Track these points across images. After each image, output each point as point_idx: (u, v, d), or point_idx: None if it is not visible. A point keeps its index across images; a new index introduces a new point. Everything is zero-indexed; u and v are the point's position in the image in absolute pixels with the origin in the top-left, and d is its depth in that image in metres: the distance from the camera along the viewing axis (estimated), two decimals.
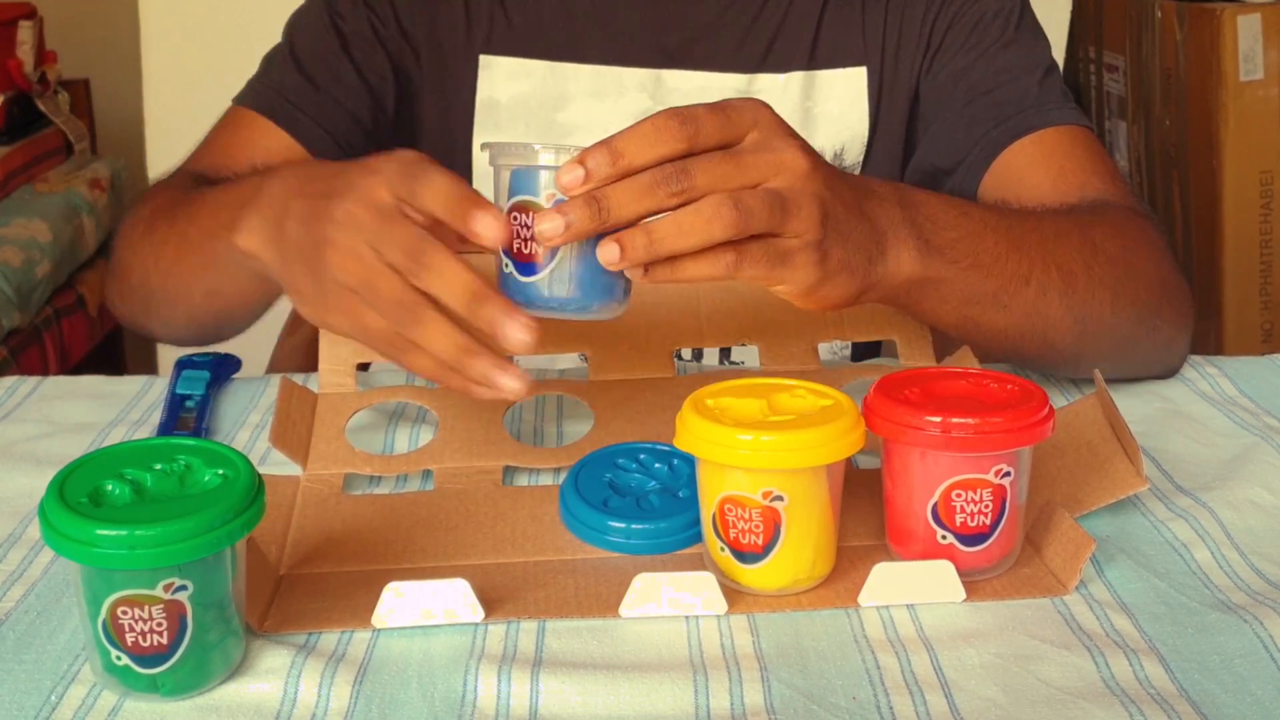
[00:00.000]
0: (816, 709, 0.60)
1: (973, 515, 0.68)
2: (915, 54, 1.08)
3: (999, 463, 0.67)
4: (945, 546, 0.69)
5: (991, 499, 0.68)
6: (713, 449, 0.66)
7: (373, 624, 0.66)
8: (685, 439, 0.68)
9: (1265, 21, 2.17)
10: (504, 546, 0.74)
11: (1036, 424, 0.68)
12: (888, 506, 0.71)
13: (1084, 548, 0.68)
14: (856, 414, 0.68)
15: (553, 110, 1.09)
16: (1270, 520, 0.76)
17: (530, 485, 0.81)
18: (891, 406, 0.68)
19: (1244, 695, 0.61)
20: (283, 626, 0.67)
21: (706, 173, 0.67)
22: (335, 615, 0.67)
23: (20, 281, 2.15)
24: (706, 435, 0.66)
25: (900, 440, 0.68)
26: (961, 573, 0.68)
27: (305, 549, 0.74)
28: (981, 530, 0.68)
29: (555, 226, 0.66)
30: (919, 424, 0.67)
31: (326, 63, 1.05)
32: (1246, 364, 0.99)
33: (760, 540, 0.67)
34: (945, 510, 0.68)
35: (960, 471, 0.67)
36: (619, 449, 0.81)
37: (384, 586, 0.66)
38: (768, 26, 1.08)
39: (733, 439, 0.66)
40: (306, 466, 0.82)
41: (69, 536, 0.58)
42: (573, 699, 0.61)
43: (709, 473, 0.68)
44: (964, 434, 0.66)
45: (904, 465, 0.69)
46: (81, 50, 2.75)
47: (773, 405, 0.69)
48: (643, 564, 0.71)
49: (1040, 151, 1.01)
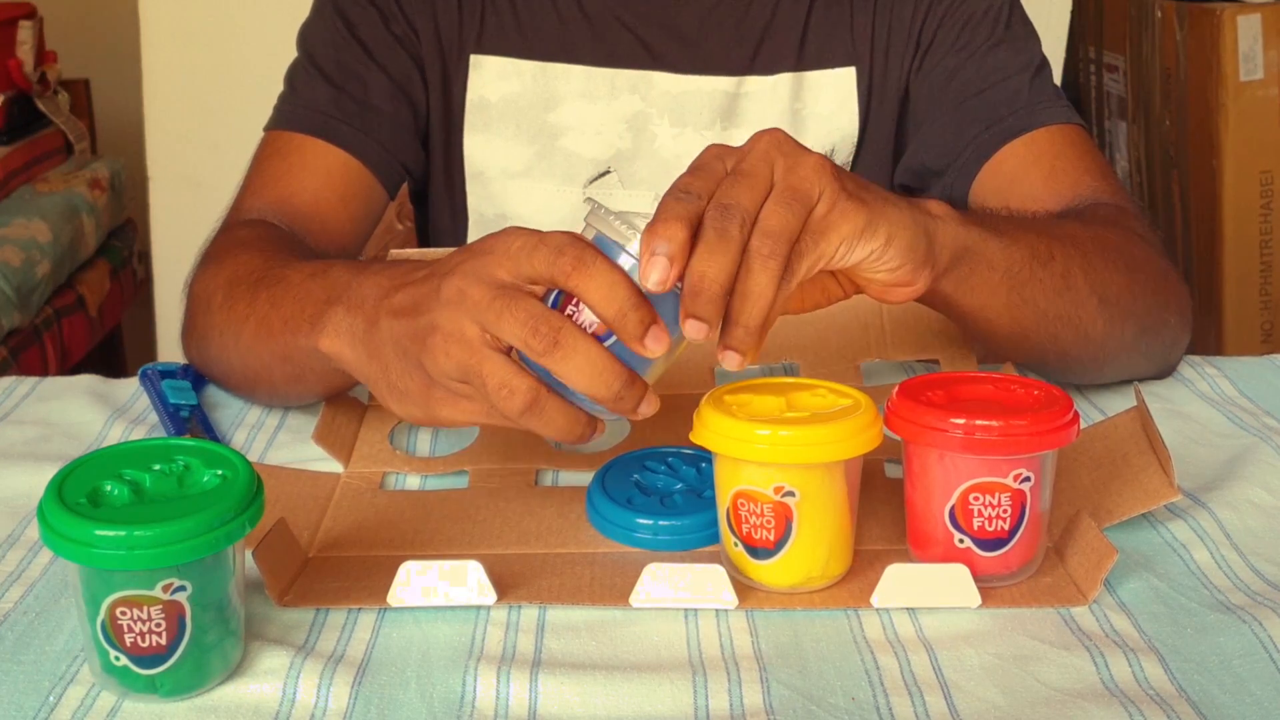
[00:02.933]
0: (815, 709, 0.60)
1: (990, 520, 0.67)
2: (905, 53, 1.08)
3: (1018, 467, 0.67)
4: (963, 551, 0.68)
5: (1010, 504, 0.67)
6: (726, 443, 0.66)
7: (388, 601, 0.67)
8: (701, 433, 0.68)
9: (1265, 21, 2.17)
10: (528, 539, 0.75)
11: (1057, 429, 0.67)
12: (908, 509, 0.71)
13: (1106, 557, 0.67)
14: (874, 413, 0.68)
15: (543, 111, 1.09)
16: (1269, 521, 0.76)
17: (561, 486, 0.82)
18: (911, 407, 0.68)
19: (1243, 695, 0.61)
20: (301, 601, 0.68)
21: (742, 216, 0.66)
22: (354, 593, 0.69)
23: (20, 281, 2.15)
24: (721, 429, 0.67)
25: (919, 441, 0.68)
26: (979, 579, 0.68)
27: (336, 535, 0.76)
28: (999, 535, 0.68)
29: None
30: (937, 425, 0.67)
31: (355, 74, 1.05)
32: (1246, 364, 0.99)
33: (772, 536, 0.67)
34: (963, 513, 0.68)
35: (978, 475, 0.67)
36: (647, 452, 0.81)
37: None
38: (754, 28, 1.08)
39: (746, 433, 0.66)
40: (348, 465, 0.83)
41: (68, 537, 0.58)
42: (571, 699, 0.61)
43: (724, 467, 0.68)
44: (981, 436, 0.66)
45: (923, 467, 0.69)
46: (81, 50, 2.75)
47: (791, 403, 0.69)
48: (663, 559, 0.71)
49: (1031, 153, 1.01)
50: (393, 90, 1.06)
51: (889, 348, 0.94)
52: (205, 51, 2.08)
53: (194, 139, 2.09)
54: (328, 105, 1.03)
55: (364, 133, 1.03)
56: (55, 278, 2.31)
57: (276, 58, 1.10)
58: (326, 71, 1.05)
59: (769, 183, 0.68)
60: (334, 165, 1.02)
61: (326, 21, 1.07)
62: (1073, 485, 0.77)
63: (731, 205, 0.66)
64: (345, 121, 1.03)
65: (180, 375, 0.94)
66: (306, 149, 1.02)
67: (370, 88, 1.05)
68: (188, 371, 0.95)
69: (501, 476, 0.82)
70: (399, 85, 1.06)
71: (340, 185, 1.02)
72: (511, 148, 1.09)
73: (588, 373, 0.64)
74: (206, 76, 2.09)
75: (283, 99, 1.06)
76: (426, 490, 0.82)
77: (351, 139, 1.02)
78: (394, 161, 1.05)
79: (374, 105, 1.04)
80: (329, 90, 1.04)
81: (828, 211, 0.68)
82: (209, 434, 0.88)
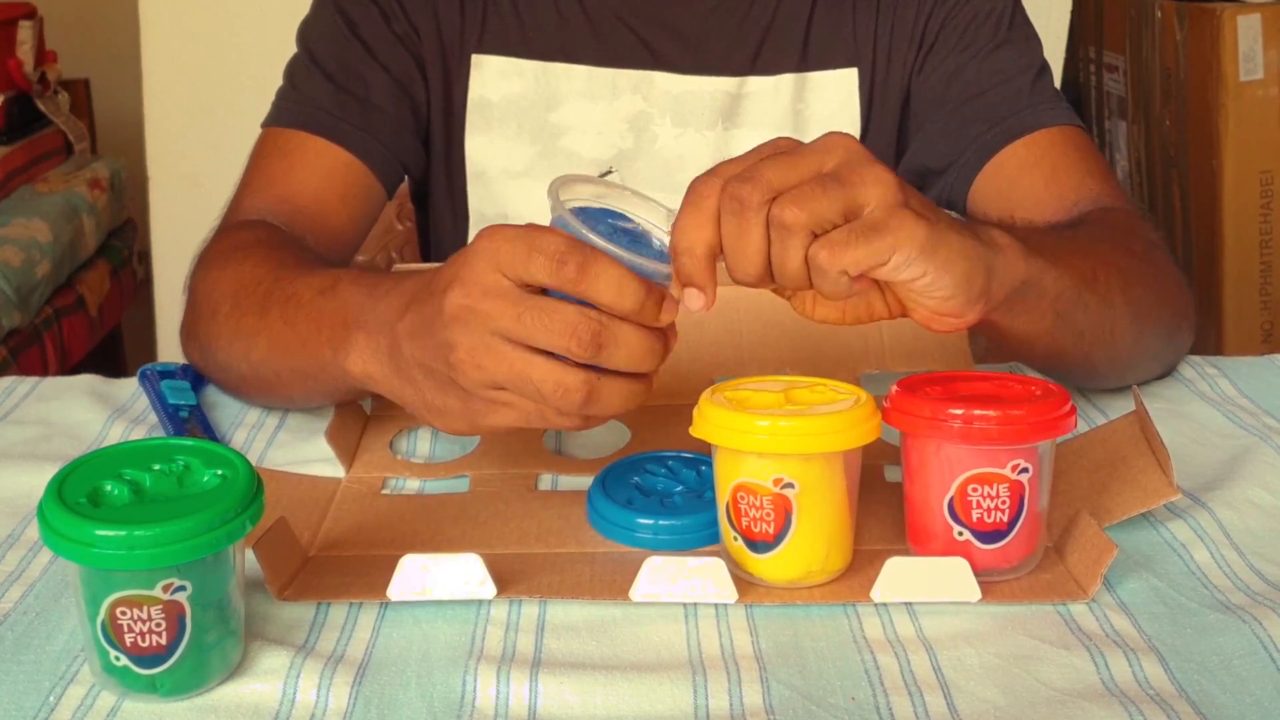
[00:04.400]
0: (815, 709, 0.60)
1: (989, 511, 0.68)
2: (907, 54, 1.08)
3: (1016, 458, 0.67)
4: (962, 543, 0.68)
5: (1009, 495, 0.67)
6: (726, 434, 0.66)
7: (387, 595, 0.68)
8: (701, 426, 0.68)
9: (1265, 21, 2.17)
10: (528, 539, 0.75)
11: (1054, 419, 0.67)
12: (907, 505, 0.71)
13: (1106, 553, 0.68)
14: (873, 406, 0.68)
15: (545, 111, 1.09)
16: (1269, 520, 0.76)
17: (562, 490, 0.82)
18: (910, 400, 0.68)
19: (1243, 695, 0.61)
20: (302, 596, 0.69)
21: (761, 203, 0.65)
22: (354, 588, 0.69)
23: (20, 281, 2.15)
24: (721, 421, 0.67)
25: (916, 433, 0.68)
26: (979, 573, 0.68)
27: (336, 536, 0.76)
28: (999, 527, 0.68)
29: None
30: (935, 417, 0.67)
31: (356, 72, 1.05)
32: (1246, 364, 0.99)
33: (771, 529, 0.67)
34: (961, 505, 0.68)
35: (976, 465, 0.67)
36: (648, 456, 0.81)
37: None
38: (755, 29, 1.08)
39: (746, 424, 0.66)
40: (350, 470, 0.84)
41: (68, 537, 0.58)
42: (571, 699, 0.61)
43: (724, 460, 0.68)
44: (979, 426, 0.66)
45: (921, 460, 0.69)
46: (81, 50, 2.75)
47: (790, 397, 0.70)
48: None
49: (1033, 154, 1.02)
50: (393, 89, 1.05)
51: (888, 359, 0.95)
52: (205, 51, 2.08)
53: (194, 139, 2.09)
54: (329, 103, 1.03)
55: (365, 131, 1.03)
56: (55, 278, 2.31)
57: (277, 57, 1.10)
58: (327, 69, 1.04)
59: (814, 171, 0.65)
60: (335, 164, 1.02)
61: (327, 19, 1.07)
62: (1072, 487, 0.77)
63: (756, 177, 0.64)
64: (347, 120, 1.02)
65: (179, 375, 0.94)
66: (308, 147, 1.02)
67: (371, 86, 1.05)
68: (187, 371, 0.95)
69: (501, 481, 0.82)
70: (400, 84, 1.06)
71: (341, 184, 1.02)
72: (513, 147, 1.09)
73: (638, 355, 0.66)
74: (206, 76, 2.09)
75: (282, 95, 1.06)
76: (426, 495, 0.82)
77: (353, 138, 1.02)
78: (394, 161, 1.05)
79: (375, 104, 1.04)
80: (330, 88, 1.04)
81: (886, 216, 0.65)
82: (208, 434, 0.88)
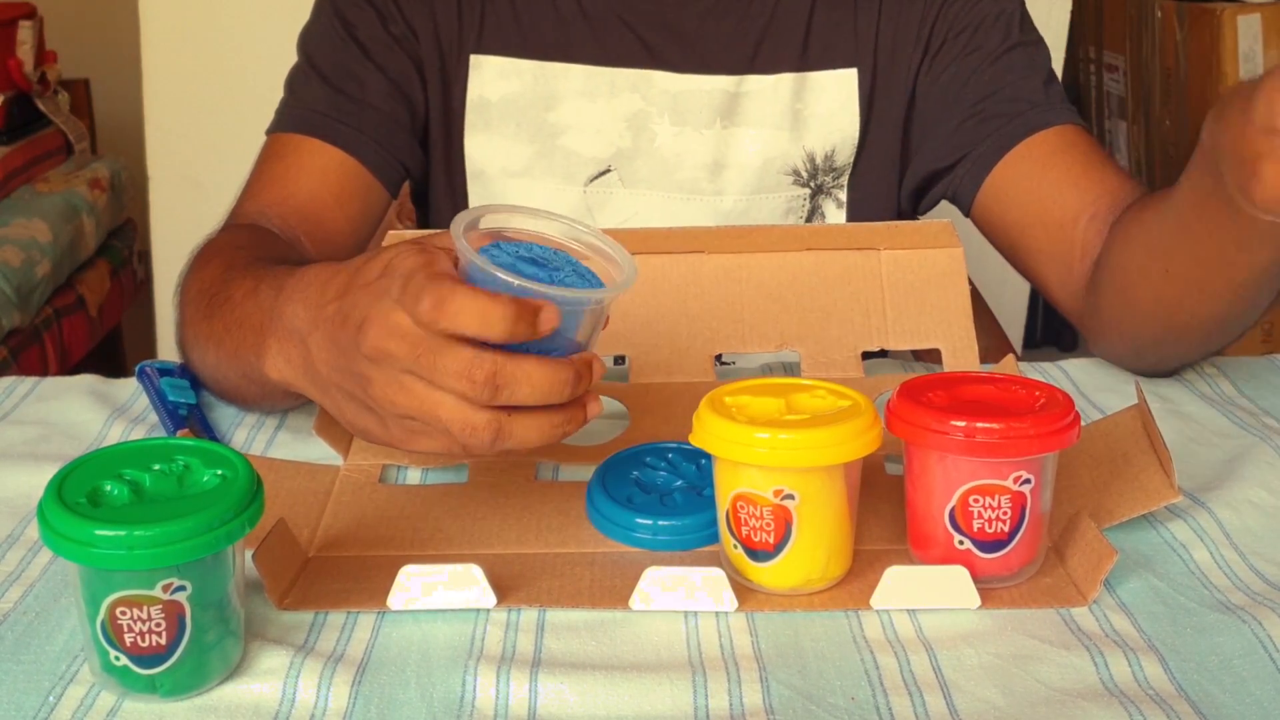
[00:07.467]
0: (815, 709, 0.60)
1: (990, 521, 0.67)
2: (912, 56, 1.08)
3: (1018, 469, 0.66)
4: (962, 552, 0.68)
5: (1010, 506, 0.67)
6: (726, 446, 0.66)
7: (387, 605, 0.67)
8: (701, 436, 0.68)
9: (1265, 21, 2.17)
10: (528, 537, 0.75)
11: (1057, 431, 0.66)
12: (908, 509, 0.71)
13: (1106, 559, 0.67)
14: (874, 415, 0.68)
15: (543, 110, 1.09)
16: (1269, 520, 0.76)
17: (561, 481, 0.82)
18: (912, 409, 0.68)
19: (1243, 695, 0.61)
20: (302, 605, 0.68)
21: None
22: (353, 597, 0.69)
23: (20, 281, 2.15)
24: (721, 433, 0.66)
25: (919, 443, 0.68)
26: (979, 580, 0.68)
27: (336, 533, 0.76)
28: (999, 537, 0.68)
29: None
30: (937, 427, 0.67)
31: (352, 74, 1.05)
32: (1246, 364, 0.99)
33: (772, 538, 0.67)
34: (962, 515, 0.68)
35: (978, 477, 0.67)
36: (648, 448, 0.81)
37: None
38: (754, 28, 1.08)
39: (745, 436, 0.66)
40: (347, 458, 0.83)
41: (67, 537, 0.58)
42: (571, 699, 0.61)
43: (724, 470, 0.68)
44: (981, 439, 0.66)
45: (923, 468, 0.69)
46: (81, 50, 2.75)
47: (790, 404, 0.69)
48: (662, 560, 0.72)
49: (1062, 143, 1.02)
50: (390, 90, 1.06)
51: (890, 336, 0.94)
52: (205, 51, 2.08)
53: (194, 139, 2.09)
54: (324, 105, 1.04)
55: (361, 131, 1.03)
56: (55, 278, 2.31)
57: (277, 58, 1.11)
58: (324, 72, 1.05)
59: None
60: (330, 164, 1.02)
61: (325, 23, 1.08)
62: (1073, 483, 0.77)
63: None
64: (341, 120, 1.03)
65: (178, 373, 0.94)
66: (303, 149, 1.02)
67: (367, 87, 1.05)
68: (185, 370, 0.95)
69: (501, 470, 0.82)
70: (396, 85, 1.06)
71: (336, 185, 1.02)
72: (512, 147, 1.09)
73: (542, 390, 0.64)
74: (206, 76, 2.09)
75: (283, 103, 1.07)
76: (426, 485, 0.82)
77: (347, 137, 1.02)
78: (392, 160, 1.05)
79: (371, 104, 1.04)
80: (325, 90, 1.04)
81: None
82: (207, 433, 0.88)
